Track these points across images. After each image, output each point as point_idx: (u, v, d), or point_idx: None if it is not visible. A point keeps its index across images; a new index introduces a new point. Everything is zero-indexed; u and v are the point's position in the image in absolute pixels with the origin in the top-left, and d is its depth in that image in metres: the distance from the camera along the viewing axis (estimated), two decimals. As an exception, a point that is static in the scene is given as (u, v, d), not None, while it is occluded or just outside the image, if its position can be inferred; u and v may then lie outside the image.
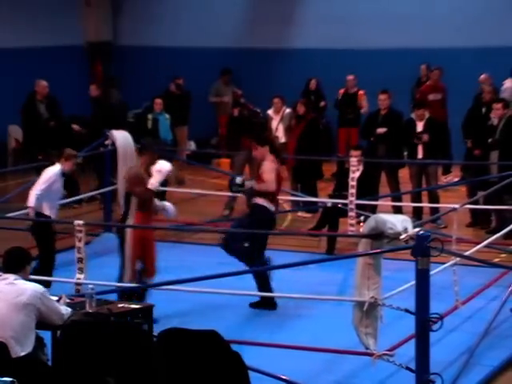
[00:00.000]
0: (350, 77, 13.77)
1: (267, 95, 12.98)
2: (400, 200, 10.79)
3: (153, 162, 7.62)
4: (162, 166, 7.69)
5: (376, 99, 11.45)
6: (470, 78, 12.91)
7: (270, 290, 7.63)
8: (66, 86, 13.06)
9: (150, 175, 7.59)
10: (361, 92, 13.62)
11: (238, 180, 7.93)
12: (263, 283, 7.64)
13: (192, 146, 15.14)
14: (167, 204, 7.78)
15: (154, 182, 7.55)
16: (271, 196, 7.83)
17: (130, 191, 7.43)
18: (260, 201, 7.80)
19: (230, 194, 11.41)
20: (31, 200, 8.08)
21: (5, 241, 7.76)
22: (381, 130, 10.89)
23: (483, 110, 10.99)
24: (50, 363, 5.44)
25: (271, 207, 7.85)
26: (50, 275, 7.81)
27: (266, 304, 7.70)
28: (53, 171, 8.25)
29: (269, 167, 7.79)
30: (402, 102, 12.47)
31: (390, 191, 10.94)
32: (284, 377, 6.06)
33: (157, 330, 5.57)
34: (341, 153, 12.76)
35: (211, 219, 11.03)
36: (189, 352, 5.06)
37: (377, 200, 10.15)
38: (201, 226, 10.40)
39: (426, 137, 10.59)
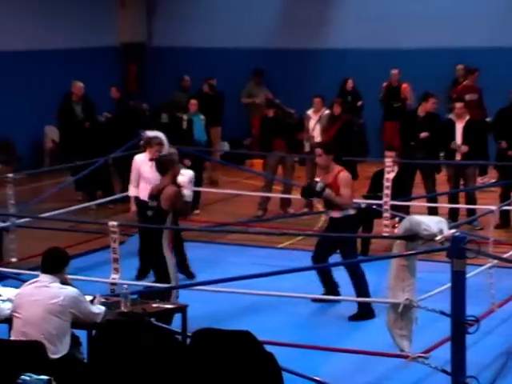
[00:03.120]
0: (395, 71, 13.90)
1: (301, 96, 12.96)
2: (435, 201, 10.69)
3: (176, 175, 7.43)
4: (189, 176, 7.57)
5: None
6: (507, 77, 12.75)
7: (367, 295, 7.49)
8: (101, 87, 13.15)
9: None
10: (404, 85, 13.66)
11: (319, 187, 7.69)
12: (361, 289, 7.53)
13: (225, 146, 15.17)
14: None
15: (189, 194, 7.46)
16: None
17: (170, 209, 7.14)
18: (337, 214, 7.69)
19: (262, 194, 11.46)
20: None
21: (43, 241, 7.84)
22: (424, 135, 10.71)
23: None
24: (85, 362, 5.49)
25: (349, 211, 7.74)
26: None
27: (364, 314, 7.51)
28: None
29: (346, 181, 7.69)
30: (439, 102, 12.34)
31: (426, 193, 10.82)
32: (317, 378, 6.03)
33: (190, 330, 5.58)
34: (389, 145, 12.55)
35: (244, 220, 11.02)
36: (222, 352, 5.07)
37: (410, 201, 10.06)
38: (234, 227, 10.40)
39: (464, 148, 10.46)
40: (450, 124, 10.70)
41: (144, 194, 8.33)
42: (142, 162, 8.70)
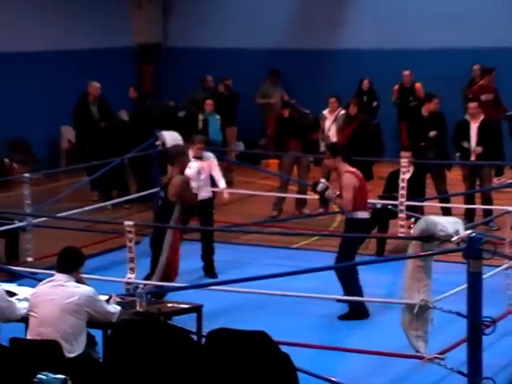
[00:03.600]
0: (406, 72, 13.82)
1: (316, 96, 12.94)
2: (448, 202, 10.64)
3: (185, 167, 7.51)
4: (197, 167, 7.69)
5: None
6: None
7: (358, 296, 7.41)
8: (117, 88, 13.20)
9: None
10: (418, 84, 13.60)
11: (320, 187, 7.71)
12: (349, 289, 7.48)
13: (241, 146, 15.18)
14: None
15: (196, 186, 7.55)
16: (357, 205, 7.65)
17: (176, 198, 7.23)
18: (348, 215, 7.67)
19: (277, 194, 11.45)
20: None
21: (59, 240, 7.87)
22: (433, 134, 10.69)
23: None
24: (101, 361, 5.50)
25: (362, 214, 7.66)
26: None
27: (357, 314, 7.50)
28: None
29: (347, 183, 7.61)
30: (455, 102, 12.32)
31: (436, 193, 10.78)
32: (333, 378, 6.02)
33: (205, 330, 5.59)
34: (405, 146, 12.52)
35: (260, 220, 11.02)
36: (237, 352, 5.07)
37: (424, 201, 10.03)
38: (249, 227, 10.40)
39: (478, 150, 10.42)
40: (465, 124, 10.65)
41: None
42: None
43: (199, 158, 8.82)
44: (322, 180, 7.85)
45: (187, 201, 7.28)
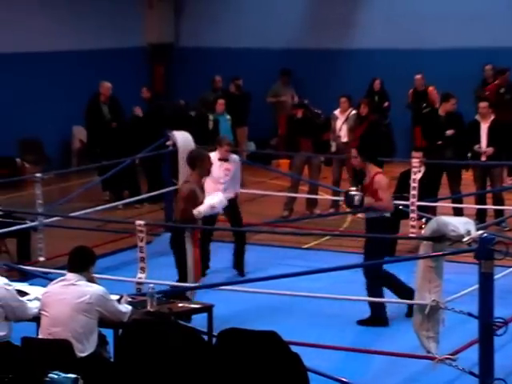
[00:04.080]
0: (418, 76, 13.83)
1: (327, 96, 12.92)
2: (461, 202, 10.61)
3: (205, 174, 7.34)
4: (218, 203, 7.23)
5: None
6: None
7: (380, 305, 7.29)
8: (128, 88, 13.23)
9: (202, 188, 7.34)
10: (431, 88, 13.57)
11: (357, 200, 7.50)
12: (373, 294, 7.30)
13: (251, 146, 15.18)
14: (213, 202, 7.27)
15: (201, 211, 7.11)
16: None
17: (181, 215, 7.19)
18: (373, 214, 7.51)
19: (289, 194, 11.45)
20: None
21: (70, 240, 7.90)
22: (450, 132, 10.65)
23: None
24: (112, 360, 5.52)
25: (386, 212, 7.52)
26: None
27: (376, 320, 7.36)
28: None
29: (383, 184, 7.50)
30: (467, 102, 12.27)
31: (450, 193, 10.75)
32: (344, 379, 6.02)
33: (216, 330, 5.60)
34: (417, 146, 12.46)
35: (271, 220, 11.02)
36: (248, 352, 5.08)
37: (437, 202, 10.00)
38: (260, 227, 10.40)
39: (489, 150, 10.38)
40: (475, 124, 10.61)
41: (209, 192, 8.11)
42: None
43: (226, 159, 8.79)
44: (353, 192, 7.60)
45: (181, 213, 7.13)
